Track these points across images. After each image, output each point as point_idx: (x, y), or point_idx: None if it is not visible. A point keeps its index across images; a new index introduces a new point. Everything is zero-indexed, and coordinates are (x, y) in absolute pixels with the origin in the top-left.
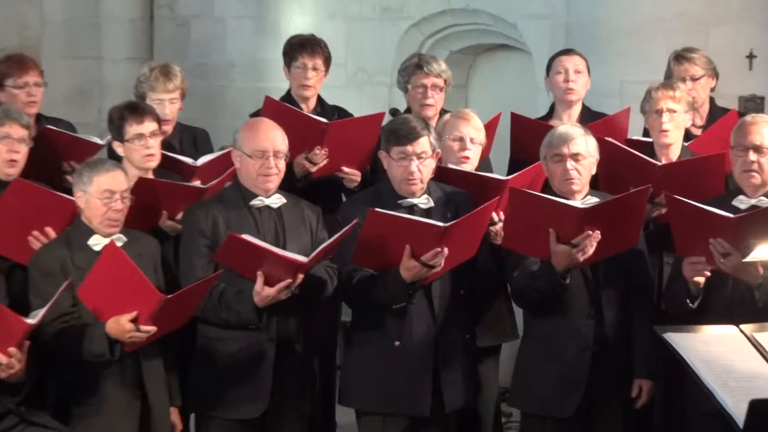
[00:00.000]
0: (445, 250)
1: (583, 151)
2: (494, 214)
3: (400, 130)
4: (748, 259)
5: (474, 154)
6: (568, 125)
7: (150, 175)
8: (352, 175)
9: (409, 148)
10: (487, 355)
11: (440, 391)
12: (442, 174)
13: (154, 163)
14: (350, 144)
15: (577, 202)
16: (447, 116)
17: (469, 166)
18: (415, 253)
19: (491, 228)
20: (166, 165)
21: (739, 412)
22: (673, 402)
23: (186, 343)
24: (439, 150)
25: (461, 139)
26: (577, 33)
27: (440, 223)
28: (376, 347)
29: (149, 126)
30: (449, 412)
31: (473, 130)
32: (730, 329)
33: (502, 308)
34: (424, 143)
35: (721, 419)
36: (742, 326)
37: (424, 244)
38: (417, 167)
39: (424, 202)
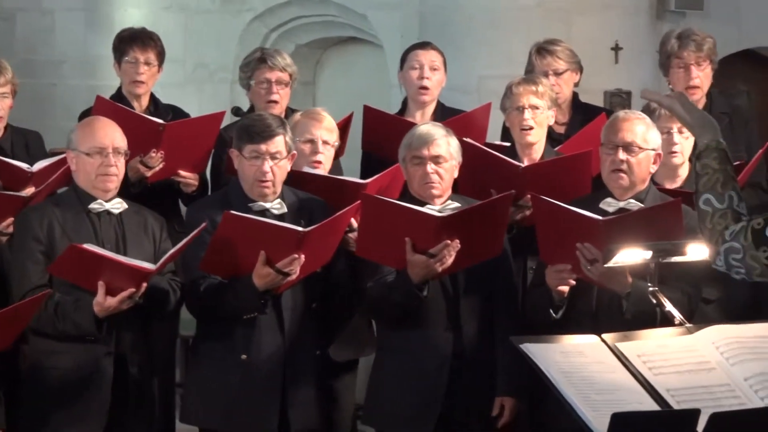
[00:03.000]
0: (302, 257)
1: (445, 153)
2: (352, 220)
3: (253, 127)
4: (609, 264)
5: (327, 157)
6: (429, 125)
7: None
8: (189, 179)
9: (263, 146)
10: (343, 370)
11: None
12: (295, 178)
13: None
14: (187, 146)
15: (434, 210)
16: (297, 116)
17: (322, 171)
18: (269, 259)
19: (348, 235)
20: None
21: (600, 426)
22: (537, 418)
23: (10, 361)
24: (294, 152)
25: (313, 142)
26: (432, 24)
27: (300, 228)
28: (222, 361)
29: None
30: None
31: (325, 131)
32: (591, 339)
33: (361, 320)
34: (279, 142)
35: None
36: (604, 335)
37: (279, 250)
38: (270, 168)
39: (277, 207)
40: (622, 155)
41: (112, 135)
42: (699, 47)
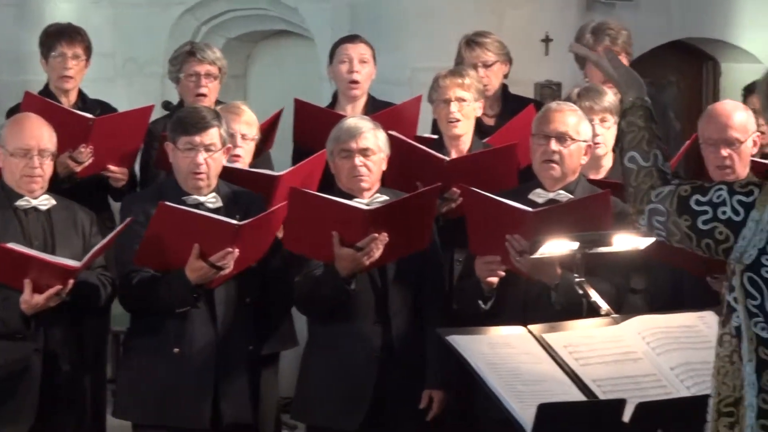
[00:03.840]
0: (236, 251)
1: (373, 145)
2: None
3: (188, 119)
4: (536, 255)
5: (246, 151)
6: (357, 118)
7: None
8: (118, 173)
9: (197, 138)
10: (265, 364)
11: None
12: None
13: None
14: (116, 141)
15: (362, 204)
16: (217, 110)
17: (241, 165)
18: (203, 252)
19: None
20: None
21: (527, 417)
22: (466, 410)
23: None
24: (229, 144)
25: (232, 135)
26: (363, 16)
27: (234, 222)
28: (155, 355)
29: None
30: (227, 425)
31: (245, 125)
32: (517, 330)
33: (284, 315)
34: (213, 134)
35: (511, 426)
36: (531, 327)
37: (214, 244)
38: (205, 160)
39: (212, 200)
40: (554, 146)
41: (38, 136)
42: (614, 41)
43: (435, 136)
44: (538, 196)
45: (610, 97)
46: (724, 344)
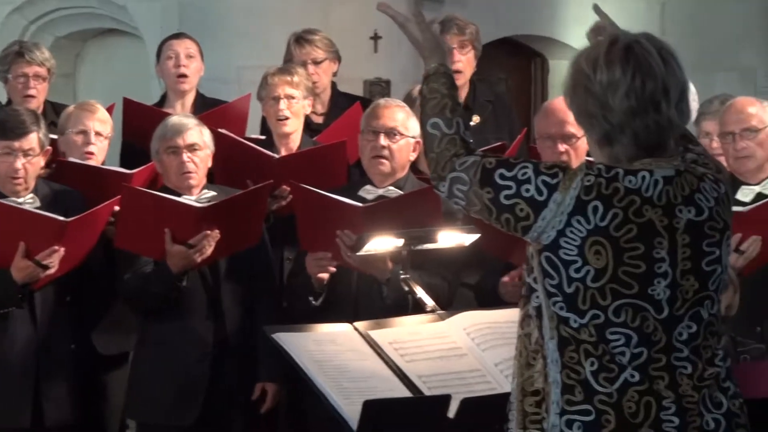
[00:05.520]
0: (62, 249)
1: (199, 141)
2: None
3: (7, 123)
4: (361, 252)
5: (99, 148)
6: (181, 115)
7: None
8: None
9: (16, 143)
10: (113, 364)
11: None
12: (62, 169)
13: None
14: None
15: (191, 201)
16: (71, 108)
17: (95, 162)
18: (29, 251)
19: (109, 227)
20: None
21: (353, 414)
22: (297, 405)
23: None
24: (49, 147)
25: (85, 133)
26: (191, 15)
27: (60, 218)
28: None
29: None
30: (50, 427)
31: (98, 122)
32: (343, 327)
33: (125, 313)
34: (32, 139)
35: (338, 422)
36: (356, 324)
37: (39, 242)
38: (23, 165)
39: (29, 201)
40: (383, 141)
41: None
42: (461, 31)
43: (263, 137)
44: (368, 192)
45: None
46: (525, 325)
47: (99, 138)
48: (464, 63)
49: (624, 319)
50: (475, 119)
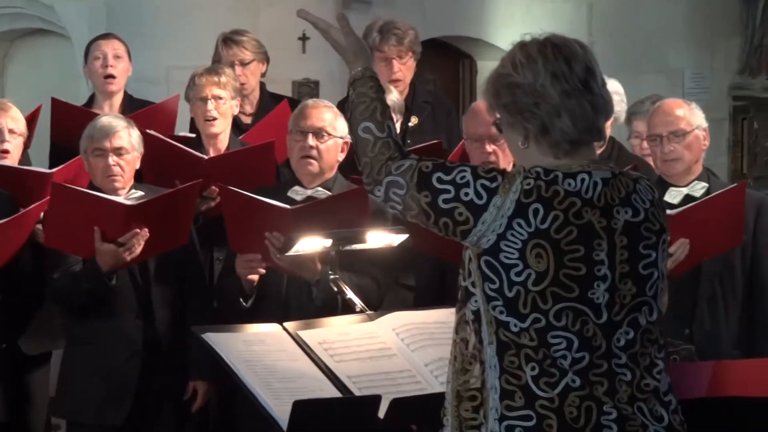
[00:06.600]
0: None
1: (127, 144)
2: None
3: None
4: (290, 253)
5: (14, 146)
6: (111, 116)
7: None
8: None
9: None
10: (35, 364)
11: None
12: None
13: None
14: None
15: (122, 199)
16: None
17: (10, 161)
18: None
19: (37, 226)
20: None
21: (282, 413)
22: (228, 405)
23: None
24: None
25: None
26: (119, 15)
27: None
28: None
29: None
30: None
31: (11, 120)
32: (272, 327)
33: (51, 313)
34: None
35: (268, 423)
36: (286, 324)
37: None
38: None
39: None
40: (311, 141)
41: None
42: (400, 41)
43: (193, 135)
44: (297, 193)
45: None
46: (460, 330)
47: (13, 135)
48: (403, 71)
49: (565, 323)
50: (414, 120)
